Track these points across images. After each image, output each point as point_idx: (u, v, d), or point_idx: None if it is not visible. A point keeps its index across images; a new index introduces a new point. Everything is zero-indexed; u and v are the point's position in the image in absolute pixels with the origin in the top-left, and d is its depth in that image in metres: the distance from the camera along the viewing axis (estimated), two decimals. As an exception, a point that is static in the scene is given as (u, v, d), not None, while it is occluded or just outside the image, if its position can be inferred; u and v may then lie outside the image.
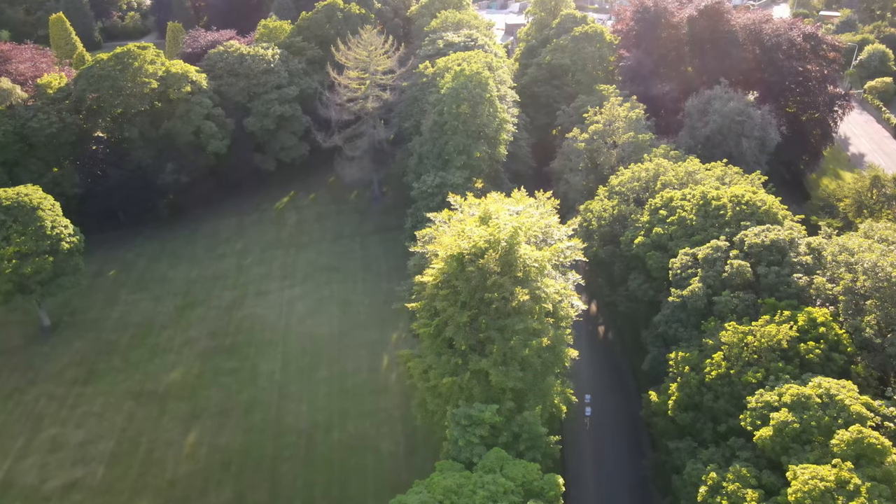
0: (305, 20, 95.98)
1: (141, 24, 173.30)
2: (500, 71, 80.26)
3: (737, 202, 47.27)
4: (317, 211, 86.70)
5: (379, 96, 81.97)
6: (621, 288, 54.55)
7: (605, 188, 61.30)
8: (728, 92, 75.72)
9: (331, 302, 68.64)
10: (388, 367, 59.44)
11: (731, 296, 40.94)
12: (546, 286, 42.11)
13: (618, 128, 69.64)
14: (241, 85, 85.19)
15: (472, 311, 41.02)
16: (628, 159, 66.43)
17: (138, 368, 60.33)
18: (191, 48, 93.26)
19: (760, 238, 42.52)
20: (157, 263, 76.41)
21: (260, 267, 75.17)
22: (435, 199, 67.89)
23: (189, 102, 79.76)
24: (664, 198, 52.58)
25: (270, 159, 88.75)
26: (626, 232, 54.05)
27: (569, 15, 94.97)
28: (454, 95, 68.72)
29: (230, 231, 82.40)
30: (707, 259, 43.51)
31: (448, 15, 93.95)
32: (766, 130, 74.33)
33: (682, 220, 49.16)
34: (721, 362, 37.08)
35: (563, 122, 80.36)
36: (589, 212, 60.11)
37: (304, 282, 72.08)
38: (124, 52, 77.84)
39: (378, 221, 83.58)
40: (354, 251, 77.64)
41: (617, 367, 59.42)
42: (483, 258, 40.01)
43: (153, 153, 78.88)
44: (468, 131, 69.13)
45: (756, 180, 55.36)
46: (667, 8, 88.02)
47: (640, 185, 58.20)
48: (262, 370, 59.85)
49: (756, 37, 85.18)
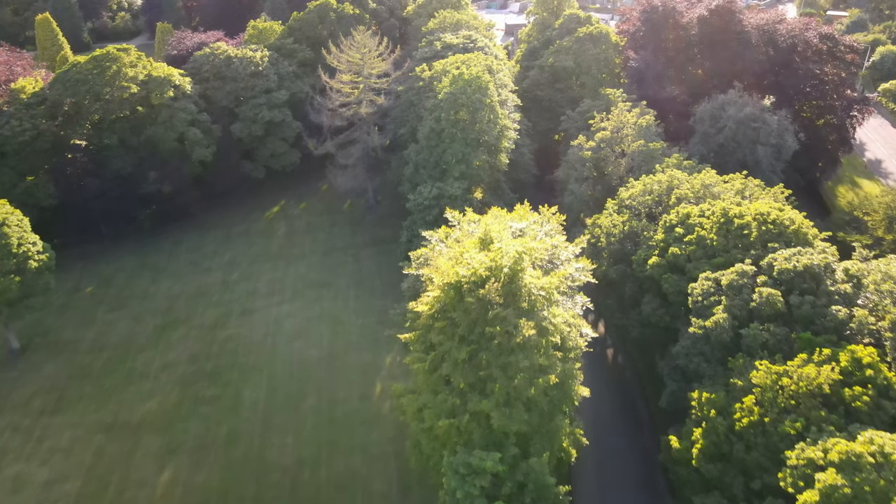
0: (297, 21, 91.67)
1: (132, 25, 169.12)
2: (501, 74, 76.04)
3: (762, 221, 43.01)
4: (308, 221, 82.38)
5: (373, 101, 77.66)
6: (633, 311, 50.29)
7: (613, 201, 57.06)
8: (742, 97, 71.48)
9: (321, 321, 64.34)
10: (381, 395, 55.14)
11: (760, 328, 36.70)
12: (553, 316, 37.86)
13: (626, 135, 65.42)
14: (228, 89, 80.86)
15: (471, 346, 36.71)
16: (638, 169, 62.23)
17: (112, 396, 55.99)
18: (176, 50, 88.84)
19: (791, 263, 38.27)
20: (137, 279, 72.06)
21: (246, 282, 70.86)
22: (432, 211, 63.73)
23: (172, 108, 75.37)
24: (680, 214, 48.38)
25: (259, 167, 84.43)
26: (639, 251, 49.81)
27: (572, 15, 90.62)
28: (452, 101, 64.51)
29: (216, 243, 78.06)
30: (732, 286, 39.27)
31: (446, 15, 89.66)
32: (783, 137, 70.12)
33: (701, 239, 44.92)
34: (753, 408, 32.83)
35: (568, 128, 76.17)
36: (597, 227, 55.87)
37: (292, 299, 67.76)
38: (103, 55, 73.52)
39: (372, 232, 79.32)
40: (347, 265, 73.35)
41: (628, 396, 55.08)
42: (484, 288, 35.80)
43: (134, 161, 74.51)
44: (467, 139, 64.86)
45: (779, 194, 51.13)
46: (675, 8, 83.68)
47: (652, 199, 53.97)
48: (245, 398, 55.52)
49: (770, 38, 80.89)
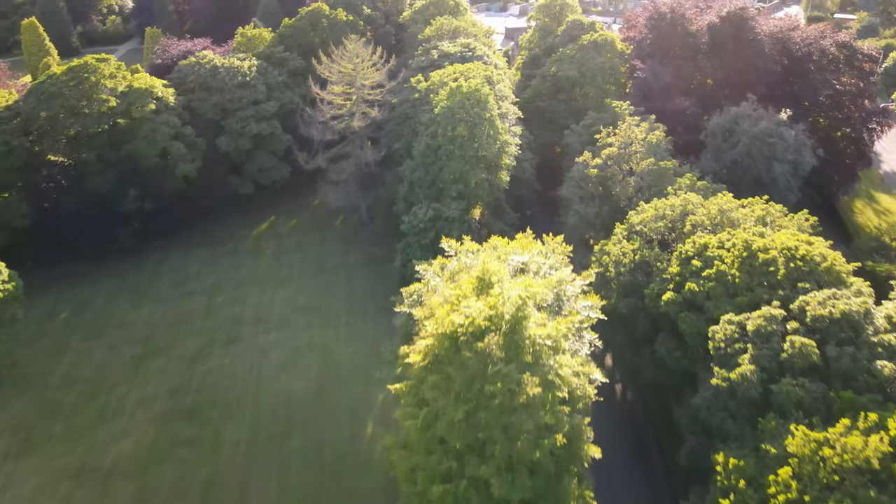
0: (287, 28, 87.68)
1: (122, 29, 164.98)
2: (501, 85, 72.02)
3: (790, 256, 39.01)
4: (298, 240, 78.30)
5: (366, 114, 73.58)
6: (646, 349, 46.26)
7: (622, 226, 53.03)
8: (757, 110, 67.50)
9: (309, 351, 60.33)
10: (373, 436, 51.15)
11: (793, 384, 32.69)
12: (560, 366, 33.87)
13: (635, 152, 61.40)
14: (214, 100, 76.78)
15: (469, 404, 32.73)
16: (648, 190, 58.22)
17: (83, 437, 51.92)
18: (161, 59, 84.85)
19: (826, 309, 34.27)
20: (116, 303, 67.98)
21: (231, 307, 66.79)
22: (427, 234, 59.77)
23: (154, 121, 71.28)
24: (697, 244, 44.38)
25: (247, 182, 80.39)
26: (652, 284, 45.79)
27: (575, 21, 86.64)
28: (449, 116, 60.50)
29: (201, 264, 73.98)
30: (759, 332, 35.27)
31: (443, 22, 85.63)
32: (800, 153, 66.14)
33: (722, 274, 40.91)
34: (790, 482, 28.82)
35: (572, 143, 72.06)
36: (605, 254, 51.84)
37: (280, 326, 63.73)
38: (80, 66, 69.48)
39: (366, 251, 75.27)
40: (338, 287, 69.30)
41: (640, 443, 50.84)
42: (482, 341, 31.80)
43: (113, 178, 70.42)
44: (465, 156, 60.81)
45: (803, 221, 47.10)
46: (684, 14, 79.69)
47: (665, 225, 49.96)
48: (226, 439, 51.48)
49: (783, 46, 76.99)
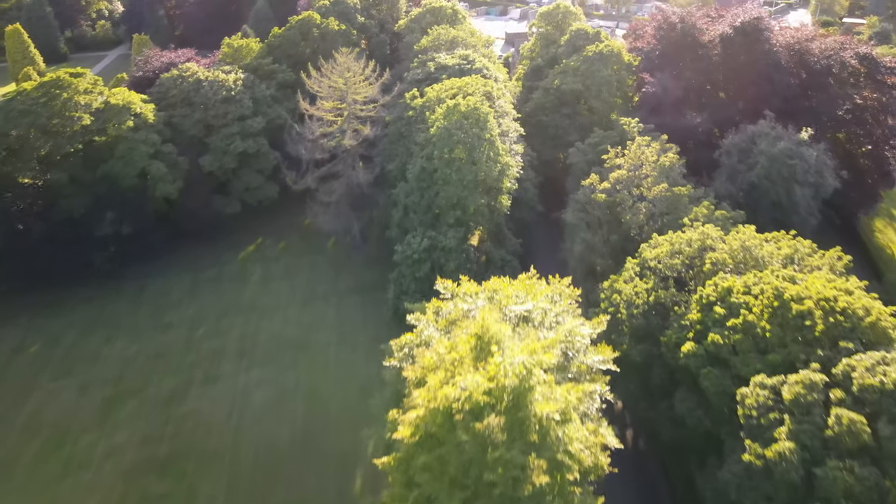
0: (276, 38, 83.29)
1: (112, 34, 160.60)
2: (502, 101, 67.63)
3: (828, 310, 34.57)
4: (287, 263, 73.85)
5: (358, 131, 69.19)
6: (663, 403, 41.81)
7: (634, 260, 48.59)
8: (776, 128, 63.16)
9: (295, 392, 55.87)
10: (362, 491, 46.76)
11: (840, 468, 28.30)
12: (571, 440, 29.48)
13: (646, 175, 56.98)
14: (197, 116, 72.33)
15: (465, 491, 28.37)
16: (661, 218, 53.83)
17: (44, 495, 47.31)
18: (142, 71, 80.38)
19: (877, 377, 29.86)
20: (90, 335, 63.47)
21: (213, 340, 62.31)
22: (422, 266, 55.46)
23: (132, 140, 66.90)
24: (719, 288, 39.97)
25: (234, 201, 75.88)
26: (668, 331, 41.39)
27: (579, 31, 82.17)
28: (446, 137, 56.16)
29: (182, 291, 69.50)
30: (798, 402, 30.84)
31: (441, 32, 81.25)
32: (822, 174, 61.72)
33: (749, 326, 36.49)
34: None
35: (577, 162, 67.51)
36: (615, 293, 47.37)
37: (264, 363, 59.28)
38: (52, 81, 65.10)
39: (358, 276, 70.79)
40: (328, 318, 64.83)
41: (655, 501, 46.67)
42: (481, 421, 27.41)
43: (88, 201, 65.97)
44: (463, 181, 56.44)
45: (835, 261, 42.61)
46: (696, 24, 75.36)
47: (681, 262, 45.55)
48: (201, 495, 46.98)
49: (801, 58, 72.62)
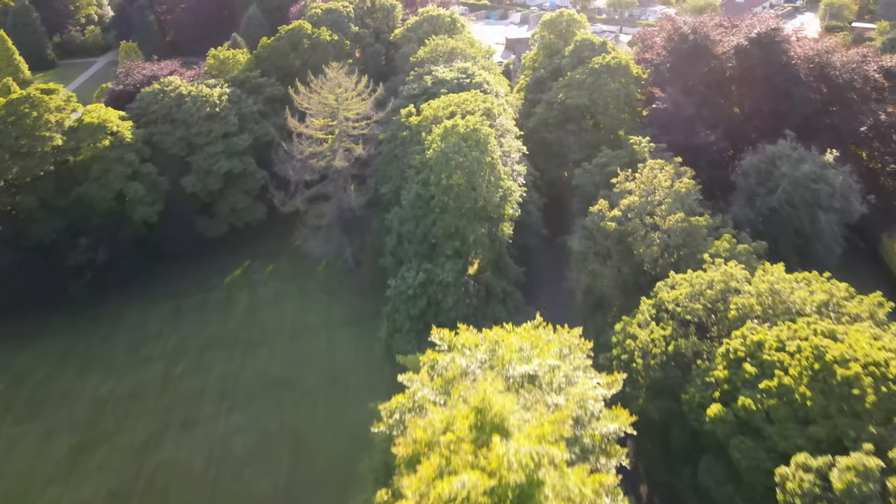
0: (265, 49, 78.91)
1: (101, 40, 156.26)
2: (503, 118, 63.35)
3: (879, 376, 30.24)
4: (275, 290, 69.49)
5: (350, 150, 64.87)
6: (685, 469, 37.50)
7: (649, 301, 44.24)
8: (797, 149, 58.84)
9: (280, 439, 51.54)
10: (350, 557, 42.43)
11: (906, 581, 24.06)
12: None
13: (659, 202, 52.64)
14: (179, 134, 67.97)
15: None
16: (677, 251, 49.51)
17: (0, 560, 43.47)
18: (122, 84, 76.02)
19: (945, 467, 25.58)
20: (61, 372, 59.18)
21: (193, 378, 57.99)
22: (417, 303, 50.96)
23: (107, 160, 62.64)
24: (748, 342, 35.63)
25: (219, 223, 71.51)
26: (691, 388, 37.09)
27: (584, 41, 77.66)
28: (443, 161, 51.74)
29: (163, 320, 65.13)
30: (851, 493, 26.52)
31: (439, 42, 76.84)
32: (848, 199, 57.47)
33: (786, 391, 32.16)
34: None
35: (584, 184, 63.11)
36: (629, 337, 43.05)
37: (246, 404, 54.94)
38: (21, 99, 60.80)
39: (351, 305, 66.34)
40: (318, 353, 60.44)
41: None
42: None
43: (60, 226, 61.75)
44: (462, 209, 52.10)
45: (875, 308, 38.22)
46: (708, 35, 70.90)
47: (703, 306, 41.23)
48: (173, 561, 42.99)
49: (822, 71, 68.21)
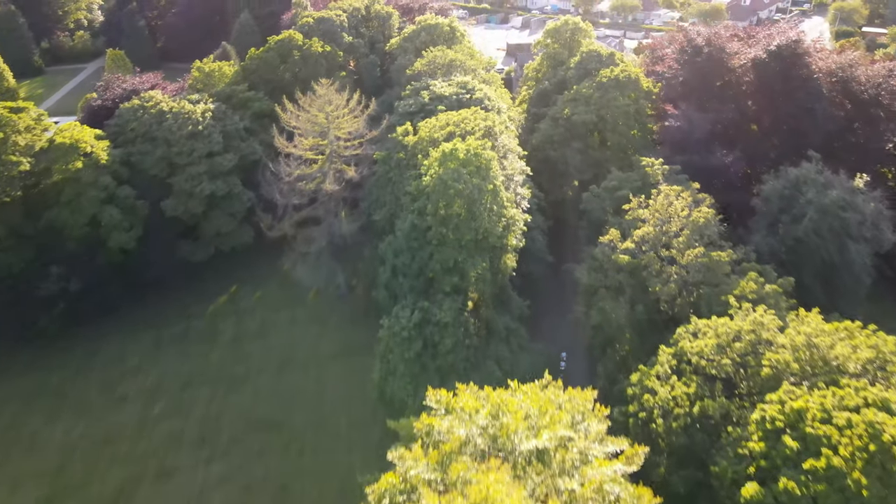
0: (253, 60, 74.55)
1: (91, 45, 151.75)
2: (505, 136, 59.12)
3: (948, 464, 26.03)
4: (262, 318, 65.11)
5: (342, 172, 60.54)
6: (713, 551, 33.27)
7: (669, 350, 39.97)
8: (823, 172, 54.57)
9: (263, 491, 47.15)
10: None
11: None
12: None
13: (676, 233, 48.36)
14: (159, 153, 63.45)
15: None
16: (696, 288, 45.23)
17: None
18: (101, 100, 71.55)
19: None
20: (28, 412, 54.85)
21: (171, 420, 53.62)
22: (413, 345, 46.61)
23: (80, 183, 58.29)
24: (787, 409, 31.36)
25: (203, 247, 67.14)
26: (722, 461, 32.79)
27: (591, 53, 73.29)
28: (442, 189, 47.49)
29: (142, 354, 60.73)
30: None
31: (437, 54, 72.47)
32: (879, 227, 53.29)
33: (836, 474, 27.88)
34: None
35: (592, 209, 58.81)
36: (647, 391, 38.76)
37: (228, 450, 50.55)
38: (-13, 118, 56.70)
39: (343, 337, 61.96)
40: (306, 391, 56.06)
41: None
42: None
43: (29, 255, 57.45)
44: (461, 241, 47.85)
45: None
46: (724, 47, 66.66)
47: (731, 359, 36.93)
48: None
49: (846, 87, 64.02)
